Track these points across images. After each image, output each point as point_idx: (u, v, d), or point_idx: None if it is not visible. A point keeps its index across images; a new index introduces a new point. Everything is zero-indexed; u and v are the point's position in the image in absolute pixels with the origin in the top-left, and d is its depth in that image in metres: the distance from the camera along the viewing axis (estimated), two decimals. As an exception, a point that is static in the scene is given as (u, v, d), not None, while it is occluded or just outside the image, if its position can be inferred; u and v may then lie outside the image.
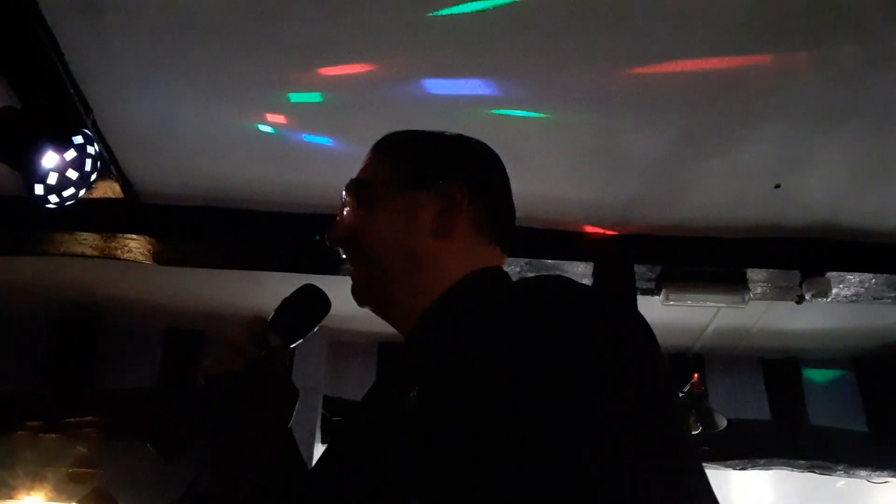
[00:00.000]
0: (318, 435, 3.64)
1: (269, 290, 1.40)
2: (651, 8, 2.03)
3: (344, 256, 0.97)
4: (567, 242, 2.98)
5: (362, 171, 1.00)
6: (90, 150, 2.29)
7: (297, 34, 2.12)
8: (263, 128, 2.51)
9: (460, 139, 1.03)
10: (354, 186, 0.98)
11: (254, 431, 0.92)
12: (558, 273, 2.83)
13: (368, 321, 0.95)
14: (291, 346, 0.95)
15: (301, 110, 2.44)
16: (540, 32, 2.11)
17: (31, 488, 3.63)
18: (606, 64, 2.22)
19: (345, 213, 0.98)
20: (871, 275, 3.01)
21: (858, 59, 2.17)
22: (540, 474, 0.60)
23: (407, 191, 0.95)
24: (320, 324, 0.98)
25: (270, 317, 0.94)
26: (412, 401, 0.73)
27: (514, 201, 1.01)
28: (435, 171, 0.96)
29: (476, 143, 1.03)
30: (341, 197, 0.99)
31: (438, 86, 2.30)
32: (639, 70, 2.25)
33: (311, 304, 0.97)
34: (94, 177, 2.34)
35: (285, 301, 0.96)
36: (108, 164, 2.58)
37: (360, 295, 0.95)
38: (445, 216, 0.93)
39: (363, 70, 2.26)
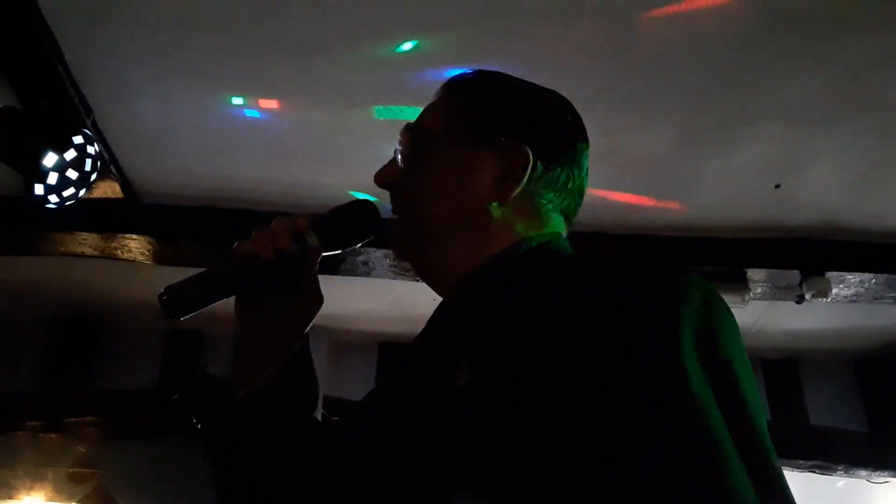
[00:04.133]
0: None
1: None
2: (652, 8, 2.03)
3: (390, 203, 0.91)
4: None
5: (425, 113, 0.93)
6: (90, 150, 2.29)
7: (298, 34, 2.12)
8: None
9: (539, 94, 0.93)
10: (411, 131, 0.91)
11: (271, 325, 0.89)
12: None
13: (368, 321, 0.94)
14: (327, 252, 0.91)
15: (304, 109, 2.44)
16: (539, 31, 2.11)
17: (31, 488, 3.63)
18: (606, 63, 2.22)
19: (398, 156, 0.91)
20: (871, 275, 3.01)
21: (858, 59, 2.17)
22: (615, 469, 0.56)
23: (467, 147, 0.87)
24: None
25: (316, 217, 0.90)
26: (461, 375, 0.68)
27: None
28: (500, 130, 0.87)
29: (557, 99, 0.94)
30: (397, 146, 0.92)
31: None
32: (639, 69, 2.25)
33: (359, 218, 0.93)
34: (94, 177, 2.35)
35: (336, 208, 0.92)
36: (108, 164, 2.58)
37: (399, 248, 0.91)
38: (503, 181, 0.85)
39: (364, 69, 2.26)
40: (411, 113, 0.98)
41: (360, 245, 0.94)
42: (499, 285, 0.80)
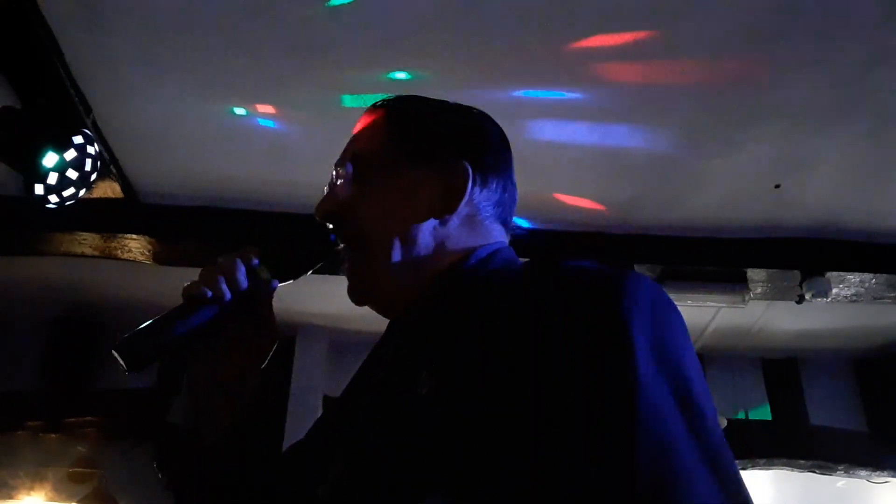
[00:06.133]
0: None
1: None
2: (651, 7, 2.03)
3: (332, 227, 0.91)
4: (567, 242, 2.99)
5: (358, 140, 0.93)
6: (90, 150, 2.29)
7: (297, 33, 2.12)
8: (264, 122, 2.51)
9: (463, 111, 0.96)
10: (350, 160, 0.91)
11: (229, 366, 0.87)
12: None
13: (368, 321, 0.94)
14: (281, 283, 0.89)
15: (304, 109, 2.44)
16: (539, 31, 2.11)
17: (31, 488, 3.63)
18: (606, 63, 2.23)
19: (338, 185, 0.91)
20: (871, 275, 3.01)
21: (858, 59, 2.17)
22: (574, 471, 0.58)
23: (407, 167, 0.89)
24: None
25: (264, 249, 0.88)
26: (424, 384, 0.69)
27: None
28: (437, 148, 0.89)
29: (479, 114, 0.97)
30: (335, 168, 0.93)
31: (439, 86, 2.30)
32: (639, 70, 2.25)
33: (309, 244, 0.91)
34: (94, 177, 2.35)
35: (284, 236, 0.92)
36: (108, 164, 2.58)
37: (356, 290, 0.90)
38: (447, 197, 0.87)
39: (365, 70, 2.26)
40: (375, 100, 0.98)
41: (311, 272, 0.92)
42: (454, 298, 0.81)
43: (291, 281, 0.90)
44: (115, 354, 0.78)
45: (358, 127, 0.95)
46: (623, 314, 0.64)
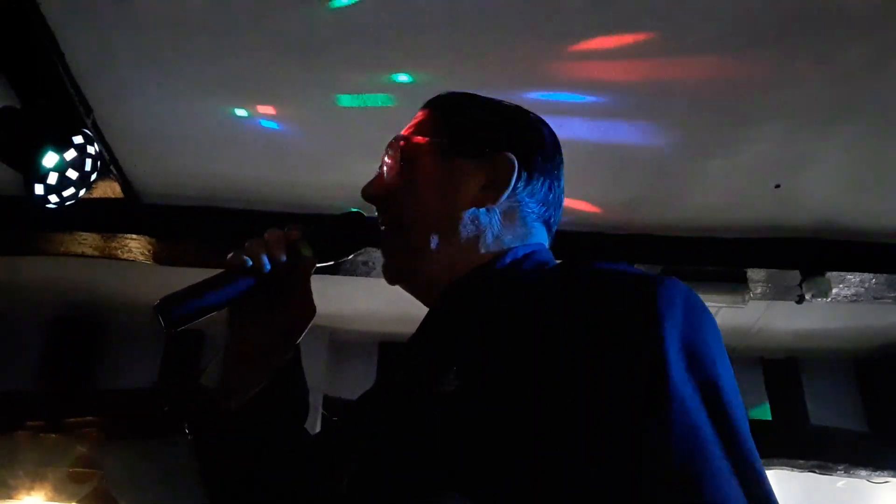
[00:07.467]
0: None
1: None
2: (651, 8, 2.03)
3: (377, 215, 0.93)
4: (567, 243, 2.98)
5: (410, 127, 0.96)
6: (90, 150, 2.29)
7: (298, 33, 2.12)
8: (266, 123, 2.51)
9: (516, 111, 0.98)
10: (399, 144, 0.93)
11: (263, 335, 0.90)
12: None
13: (368, 321, 0.93)
14: (320, 263, 0.92)
15: (304, 110, 2.44)
16: (539, 32, 2.11)
17: (31, 488, 3.63)
18: (606, 64, 2.23)
19: (385, 169, 0.93)
20: (871, 275, 3.01)
21: (858, 59, 2.17)
22: (600, 471, 0.58)
23: (452, 157, 0.90)
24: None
25: (309, 229, 0.92)
26: (450, 382, 0.69)
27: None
28: (483, 141, 0.91)
29: (534, 117, 0.99)
30: (385, 152, 0.95)
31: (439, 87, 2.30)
32: (639, 70, 2.25)
33: (352, 229, 0.95)
34: (94, 177, 2.35)
35: (329, 219, 0.94)
36: (108, 164, 2.58)
37: (391, 270, 0.92)
38: (488, 189, 0.88)
39: (367, 71, 2.26)
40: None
41: (351, 256, 0.96)
42: (487, 294, 0.82)
43: (331, 262, 0.93)
44: (155, 312, 0.82)
45: (414, 118, 0.98)
46: (656, 316, 0.64)
